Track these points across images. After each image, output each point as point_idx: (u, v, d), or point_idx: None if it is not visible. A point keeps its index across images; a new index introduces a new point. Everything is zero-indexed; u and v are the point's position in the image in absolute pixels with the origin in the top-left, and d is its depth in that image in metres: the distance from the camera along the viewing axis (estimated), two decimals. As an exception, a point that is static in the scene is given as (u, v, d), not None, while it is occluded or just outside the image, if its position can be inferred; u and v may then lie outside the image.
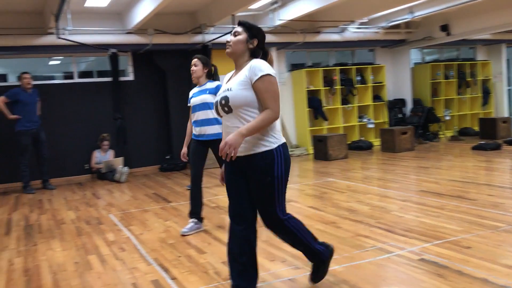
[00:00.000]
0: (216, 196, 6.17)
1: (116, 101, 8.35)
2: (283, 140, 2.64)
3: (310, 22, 9.59)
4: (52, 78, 9.59)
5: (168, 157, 9.14)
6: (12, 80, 10.99)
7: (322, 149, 8.96)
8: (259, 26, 2.73)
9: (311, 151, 9.95)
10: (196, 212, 4.49)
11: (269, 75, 2.51)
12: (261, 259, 3.53)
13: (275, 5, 8.38)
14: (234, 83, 2.59)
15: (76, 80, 8.74)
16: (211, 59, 8.85)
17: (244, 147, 2.55)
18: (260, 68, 2.51)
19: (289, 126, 10.37)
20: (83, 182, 8.27)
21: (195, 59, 4.60)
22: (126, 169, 8.00)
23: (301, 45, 9.64)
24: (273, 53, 9.80)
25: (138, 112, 9.05)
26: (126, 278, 3.35)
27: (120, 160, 8.32)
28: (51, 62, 9.94)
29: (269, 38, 9.13)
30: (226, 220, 4.83)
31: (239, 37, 2.62)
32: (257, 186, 2.61)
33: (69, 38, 7.38)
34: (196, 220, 4.48)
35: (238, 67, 2.66)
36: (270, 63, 2.65)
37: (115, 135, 8.61)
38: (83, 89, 8.71)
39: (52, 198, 6.90)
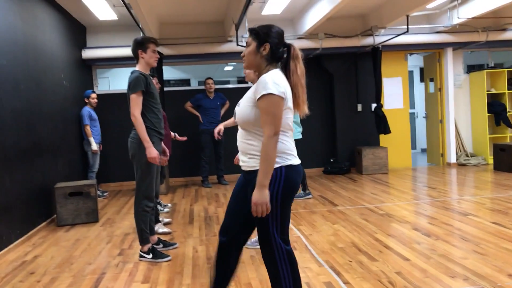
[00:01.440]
0: (384, 203, 5.99)
1: (286, 104, 8.68)
2: (293, 162, 2.36)
3: (494, 19, 8.72)
4: (227, 82, 10.40)
5: (332, 160, 9.18)
6: (194, 85, 12.28)
7: (504, 160, 8.07)
8: (272, 26, 2.43)
9: (490, 161, 9.04)
10: None
11: (271, 94, 2.23)
12: (440, 274, 3.33)
13: (454, 3, 7.81)
14: (244, 97, 2.43)
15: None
16: (381, 61, 8.65)
17: (248, 162, 2.41)
18: (264, 85, 2.24)
19: (465, 133, 9.56)
20: (252, 180, 8.76)
21: None
22: (292, 170, 8.25)
23: (482, 44, 8.82)
24: (449, 53, 9.15)
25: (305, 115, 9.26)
26: (299, 276, 3.45)
27: (287, 161, 8.60)
28: (226, 68, 10.81)
29: (444, 37, 8.56)
30: (397, 228, 4.66)
31: (249, 48, 2.41)
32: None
33: (246, 45, 7.90)
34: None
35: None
36: (295, 58, 2.40)
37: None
38: (256, 93, 9.24)
39: (226, 193, 7.47)
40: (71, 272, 3.83)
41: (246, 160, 2.41)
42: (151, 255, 4.03)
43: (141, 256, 4.07)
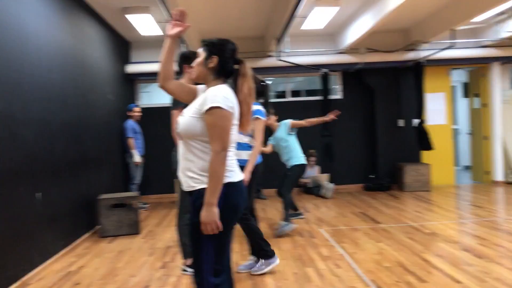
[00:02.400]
0: (428, 221, 5.79)
1: (325, 119, 8.59)
2: (233, 178, 2.23)
3: (544, 33, 8.40)
4: (266, 97, 10.41)
5: (373, 176, 9.00)
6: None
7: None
8: (225, 40, 2.35)
9: (539, 179, 8.66)
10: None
11: (219, 108, 2.14)
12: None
13: (502, 16, 7.58)
14: (189, 109, 2.30)
15: (289, 98, 9.30)
16: (424, 76, 8.47)
17: (186, 181, 2.27)
18: (212, 98, 2.15)
19: None
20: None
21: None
22: (332, 185, 8.14)
23: (531, 59, 8.51)
24: (496, 68, 8.87)
25: (345, 131, 9.16)
26: (345, 296, 3.35)
27: (326, 176, 8.51)
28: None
29: (491, 52, 8.32)
30: (445, 248, 4.48)
31: (198, 59, 2.34)
32: (190, 225, 2.29)
33: (287, 60, 7.91)
34: (254, 258, 4.14)
35: None
36: (243, 76, 2.31)
37: (322, 152, 8.86)
38: (294, 107, 9.20)
39: (265, 207, 7.42)
40: (116, 284, 3.86)
41: (184, 180, 2.28)
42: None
43: (184, 270, 4.06)
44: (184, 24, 2.28)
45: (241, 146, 3.94)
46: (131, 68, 8.17)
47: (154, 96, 9.99)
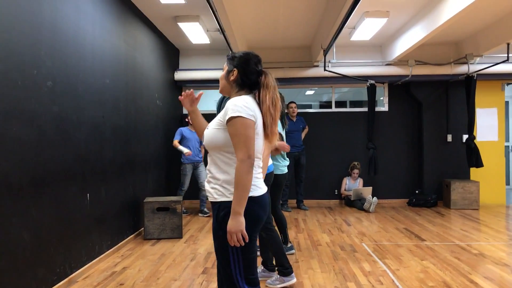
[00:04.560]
0: (476, 241, 5.57)
1: (370, 131, 8.46)
2: (255, 193, 2.21)
3: None
4: (309, 106, 10.36)
5: (418, 191, 8.76)
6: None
7: None
8: (247, 53, 2.37)
9: None
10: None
11: (241, 117, 2.13)
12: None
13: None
14: (213, 121, 2.31)
15: (334, 109, 9.21)
16: (475, 90, 8.20)
17: (210, 192, 2.26)
18: (232, 108, 2.16)
19: None
20: (332, 207, 8.59)
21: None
22: (375, 199, 7.98)
23: None
24: None
25: (390, 143, 8.99)
26: (388, 314, 3.26)
27: (369, 189, 8.36)
28: (308, 92, 10.78)
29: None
30: (494, 271, 4.30)
31: (222, 72, 2.41)
32: (214, 239, 2.26)
33: (334, 70, 7.86)
34: (263, 268, 4.14)
35: None
36: (266, 87, 2.29)
37: (366, 164, 8.71)
38: (339, 118, 9.12)
39: (306, 218, 7.36)
40: (158, 287, 3.92)
41: (209, 190, 2.29)
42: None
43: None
44: (195, 98, 2.51)
45: None
46: (179, 75, 8.35)
47: (201, 103, 10.16)
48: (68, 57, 4.06)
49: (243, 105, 2.17)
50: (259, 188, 2.26)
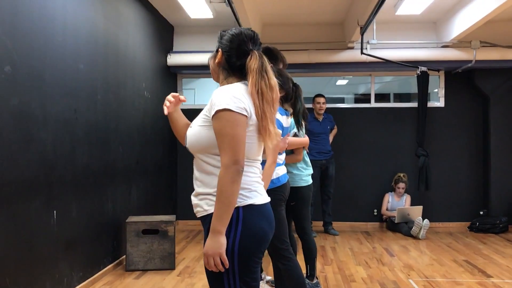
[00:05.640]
0: (561, 279, 5.51)
1: (421, 133, 8.42)
2: (255, 200, 2.23)
3: None
4: (340, 100, 10.33)
5: (483, 213, 8.71)
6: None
7: None
8: (236, 29, 2.40)
9: None
10: None
11: (228, 110, 2.15)
12: None
13: None
14: (197, 117, 2.36)
15: (373, 104, 9.19)
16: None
17: (198, 204, 2.31)
18: (219, 99, 2.19)
19: None
20: (370, 231, 8.57)
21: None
22: (426, 222, 7.94)
23: None
24: None
25: (446, 150, 8.95)
26: None
27: (418, 209, 8.32)
28: (339, 82, 10.76)
29: None
30: None
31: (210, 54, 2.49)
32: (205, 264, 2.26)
33: (373, 54, 7.85)
34: None
35: None
36: (250, 70, 2.26)
37: (414, 177, 8.67)
38: (380, 116, 9.10)
39: (336, 246, 7.35)
40: (143, 332, 3.94)
41: (197, 203, 2.33)
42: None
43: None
44: (175, 102, 2.54)
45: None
46: (174, 59, 8.41)
47: (199, 95, 10.22)
48: (32, 36, 4.11)
49: (231, 95, 2.19)
50: (260, 194, 2.28)
